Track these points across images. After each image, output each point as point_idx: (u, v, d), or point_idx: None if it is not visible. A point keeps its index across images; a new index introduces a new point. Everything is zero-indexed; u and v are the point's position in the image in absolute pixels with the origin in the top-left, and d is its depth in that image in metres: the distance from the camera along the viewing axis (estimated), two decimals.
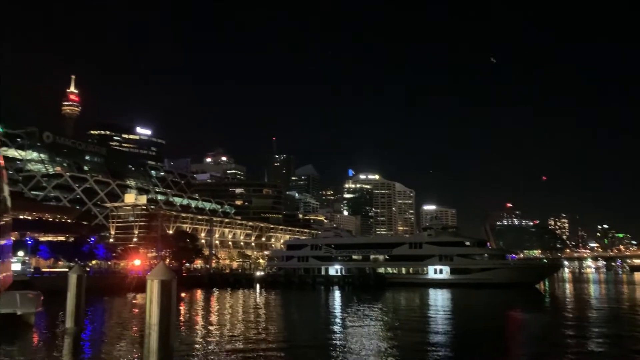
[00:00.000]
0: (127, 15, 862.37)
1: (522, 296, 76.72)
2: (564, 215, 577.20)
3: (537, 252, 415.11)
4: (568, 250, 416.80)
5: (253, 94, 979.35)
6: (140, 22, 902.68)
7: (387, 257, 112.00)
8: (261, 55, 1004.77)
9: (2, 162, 4.90)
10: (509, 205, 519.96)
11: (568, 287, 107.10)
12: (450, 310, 56.78)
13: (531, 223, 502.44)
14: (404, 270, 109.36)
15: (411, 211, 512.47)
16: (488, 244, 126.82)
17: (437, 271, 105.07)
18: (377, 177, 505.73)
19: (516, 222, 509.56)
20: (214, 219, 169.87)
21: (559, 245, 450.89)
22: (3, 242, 4.62)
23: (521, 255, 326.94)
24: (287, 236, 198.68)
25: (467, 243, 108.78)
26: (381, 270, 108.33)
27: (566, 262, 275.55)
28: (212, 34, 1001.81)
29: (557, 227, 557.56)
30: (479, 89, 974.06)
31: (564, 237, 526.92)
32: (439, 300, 70.54)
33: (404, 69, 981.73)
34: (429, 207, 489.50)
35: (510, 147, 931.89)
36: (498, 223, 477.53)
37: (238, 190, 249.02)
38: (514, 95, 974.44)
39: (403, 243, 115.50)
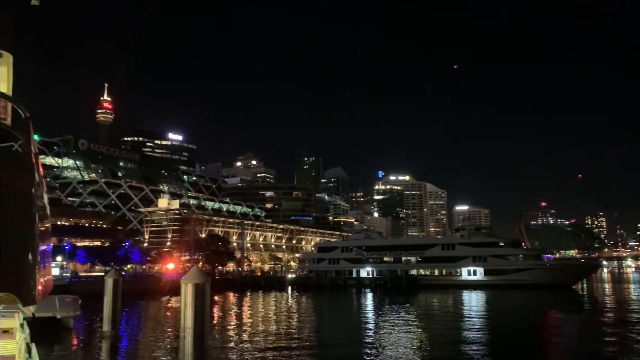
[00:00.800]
0: (154, 20, 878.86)
1: (559, 297, 74.85)
2: (601, 213, 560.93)
3: (574, 252, 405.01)
4: (606, 250, 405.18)
5: (281, 96, 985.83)
6: (165, 26, 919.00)
7: (419, 258, 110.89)
8: (288, 58, 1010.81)
9: (42, 171, 4.92)
10: (544, 204, 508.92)
11: (607, 288, 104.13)
12: (485, 312, 55.80)
13: (567, 222, 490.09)
14: (436, 272, 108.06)
15: (443, 212, 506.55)
16: (523, 244, 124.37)
17: (471, 272, 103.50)
18: (407, 178, 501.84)
19: (551, 221, 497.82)
20: (245, 222, 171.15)
21: (596, 245, 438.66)
22: (44, 247, 4.66)
23: (557, 256, 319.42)
24: (318, 238, 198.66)
25: (501, 243, 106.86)
26: (413, 272, 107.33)
27: (605, 262, 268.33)
28: (238, 36, 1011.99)
29: (594, 225, 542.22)
30: (511, 87, 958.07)
31: (602, 236, 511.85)
32: (473, 302, 69.44)
33: (430, 70, 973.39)
34: (462, 208, 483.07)
35: (544, 145, 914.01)
36: (533, 223, 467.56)
37: (268, 194, 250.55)
38: (546, 94, 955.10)
39: (435, 244, 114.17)
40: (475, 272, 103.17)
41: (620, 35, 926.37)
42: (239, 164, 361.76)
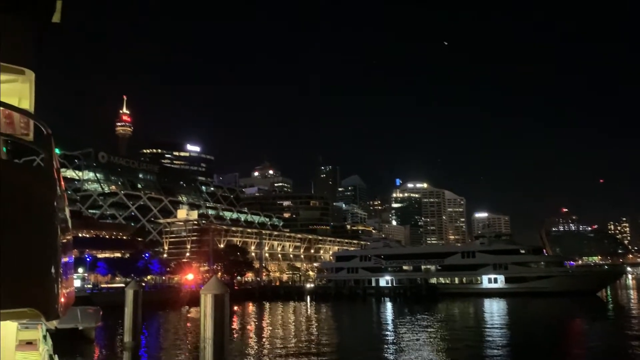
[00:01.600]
0: (172, 31, 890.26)
1: (582, 305, 73.48)
2: (624, 219, 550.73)
3: (597, 259, 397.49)
4: (631, 256, 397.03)
5: (297, 106, 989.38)
6: (183, 34, 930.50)
7: (438, 267, 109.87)
8: (303, 66, 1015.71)
9: (63, 184, 5.02)
10: (565, 210, 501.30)
11: (632, 295, 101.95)
12: (507, 321, 55.02)
13: (589, 228, 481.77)
14: (456, 280, 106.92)
15: (462, 219, 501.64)
16: (544, 251, 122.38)
17: (492, 280, 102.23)
18: (425, 185, 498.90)
19: (573, 227, 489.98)
20: (263, 232, 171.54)
21: (620, 251, 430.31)
22: (66, 259, 4.74)
23: (580, 262, 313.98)
24: (336, 247, 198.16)
25: (522, 251, 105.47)
26: (433, 280, 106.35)
27: (629, 268, 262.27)
28: (250, 46, 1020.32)
29: (617, 231, 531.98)
30: (529, 92, 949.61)
31: (626, 241, 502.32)
32: (495, 310, 68.54)
33: (448, 76, 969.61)
34: (481, 215, 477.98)
35: (563, 149, 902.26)
36: (554, 229, 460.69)
37: (285, 203, 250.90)
38: (565, 98, 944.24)
39: (455, 252, 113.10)
40: (496, 280, 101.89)
41: None
42: (256, 174, 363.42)
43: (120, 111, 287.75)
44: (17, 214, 3.80)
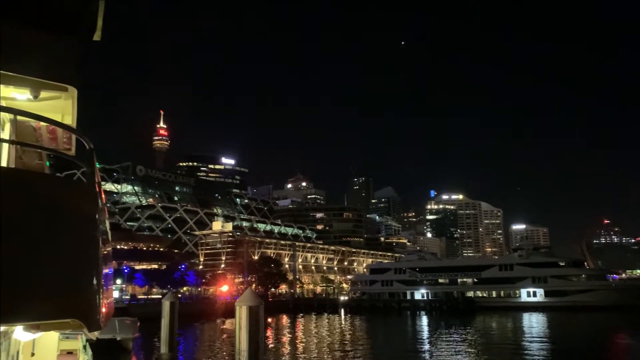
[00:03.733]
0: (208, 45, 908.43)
1: (626, 320, 70.63)
2: None
3: None
4: None
5: (332, 117, 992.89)
6: (228, 45, 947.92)
7: (475, 280, 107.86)
8: (342, 77, 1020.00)
9: (104, 197, 5.15)
10: (607, 221, 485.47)
11: None
12: (548, 336, 53.42)
13: (633, 240, 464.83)
14: (494, 294, 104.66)
15: (499, 231, 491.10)
16: (585, 264, 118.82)
17: (531, 294, 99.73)
18: (461, 197, 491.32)
19: (615, 239, 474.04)
20: (297, 243, 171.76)
21: None
22: (106, 271, 4.85)
23: (623, 276, 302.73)
24: (370, 260, 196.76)
25: (562, 263, 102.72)
26: (470, 294, 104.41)
27: None
28: (289, 59, 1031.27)
29: None
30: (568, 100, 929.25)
31: None
32: (534, 324, 66.67)
33: (485, 87, 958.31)
34: (519, 227, 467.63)
35: (602, 159, 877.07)
36: (595, 241, 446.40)
37: (319, 215, 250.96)
38: (606, 108, 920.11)
39: (492, 265, 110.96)
40: (535, 294, 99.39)
41: None
42: (289, 185, 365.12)
43: (158, 125, 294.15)
44: (62, 226, 3.91)
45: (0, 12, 5.00)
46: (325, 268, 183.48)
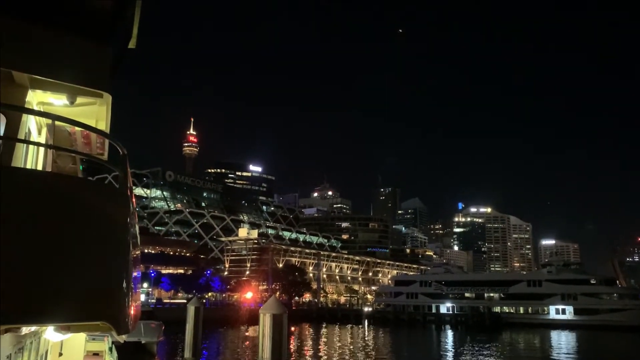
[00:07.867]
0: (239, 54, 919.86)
1: None
2: None
3: None
4: None
5: (360, 127, 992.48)
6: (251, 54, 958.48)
7: (502, 295, 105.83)
8: (374, 88, 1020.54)
9: (134, 202, 5.24)
10: None
11: None
12: (577, 355, 51.95)
13: None
14: (522, 310, 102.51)
15: (528, 246, 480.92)
16: (617, 282, 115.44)
17: (560, 311, 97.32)
18: (489, 210, 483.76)
19: None
20: (321, 253, 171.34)
21: None
22: (135, 274, 4.93)
23: None
24: (395, 271, 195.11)
25: (593, 281, 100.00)
26: (497, 309, 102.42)
27: None
28: (313, 67, 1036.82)
29: None
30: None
31: None
32: (563, 343, 64.99)
33: (512, 103, 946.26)
34: (548, 242, 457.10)
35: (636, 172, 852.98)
36: (628, 259, 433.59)
37: (344, 224, 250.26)
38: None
39: (520, 280, 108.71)
40: (564, 311, 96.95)
41: None
42: (315, 194, 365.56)
43: (188, 132, 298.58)
44: (95, 230, 3.99)
45: (39, 20, 5.16)
46: (349, 278, 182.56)
